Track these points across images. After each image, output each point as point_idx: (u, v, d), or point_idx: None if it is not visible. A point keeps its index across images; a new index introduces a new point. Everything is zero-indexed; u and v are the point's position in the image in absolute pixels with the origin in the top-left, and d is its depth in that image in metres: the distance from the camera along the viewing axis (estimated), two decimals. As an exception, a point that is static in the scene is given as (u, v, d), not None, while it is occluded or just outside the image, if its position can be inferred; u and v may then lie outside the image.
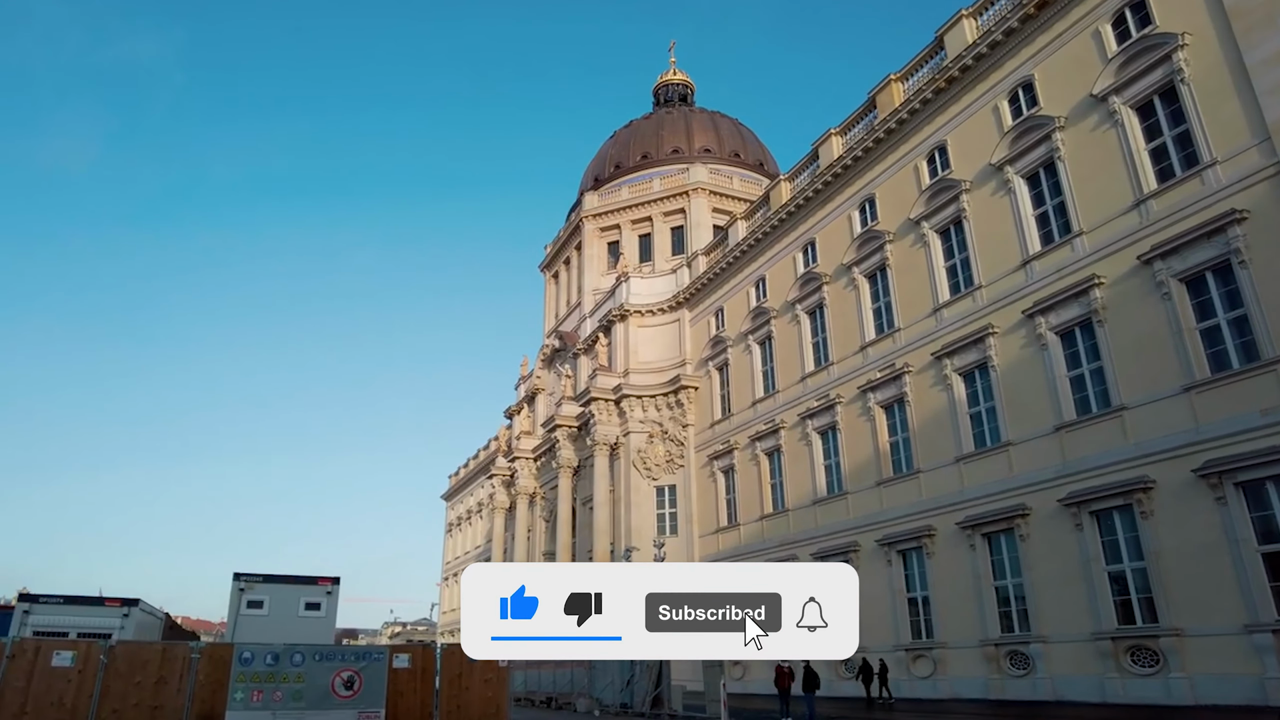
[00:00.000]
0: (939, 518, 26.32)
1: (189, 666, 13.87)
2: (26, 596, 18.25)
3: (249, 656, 13.87)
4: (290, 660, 14.05)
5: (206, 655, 14.17)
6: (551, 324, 57.42)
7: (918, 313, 28.71)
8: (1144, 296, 20.87)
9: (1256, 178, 18.79)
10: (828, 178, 33.55)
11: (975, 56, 26.73)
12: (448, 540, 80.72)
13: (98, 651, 13.57)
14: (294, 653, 14.13)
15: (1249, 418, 18.23)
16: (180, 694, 13.72)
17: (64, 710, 13.08)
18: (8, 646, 13.21)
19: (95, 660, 13.41)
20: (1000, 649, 23.25)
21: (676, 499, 40.04)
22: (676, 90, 64.90)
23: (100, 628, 17.36)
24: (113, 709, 13.35)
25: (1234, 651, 17.93)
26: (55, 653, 13.35)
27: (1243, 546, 18.05)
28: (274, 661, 13.97)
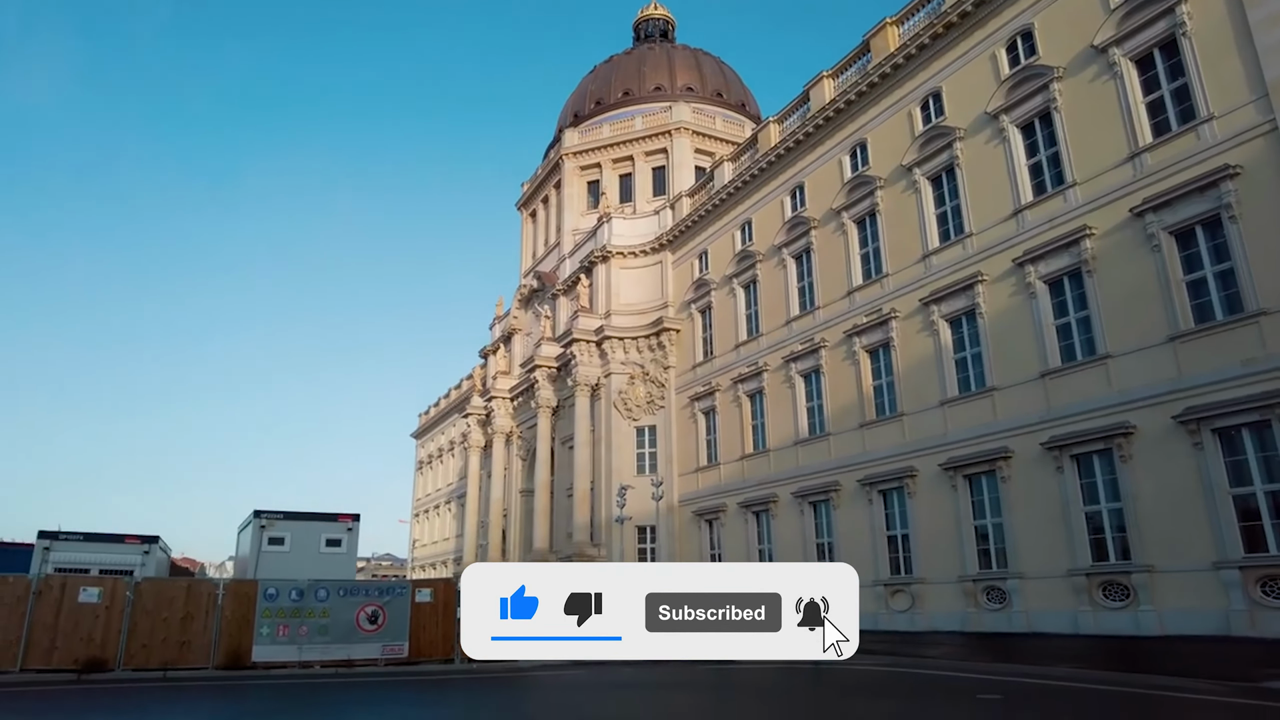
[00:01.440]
0: (921, 459, 27.12)
1: (214, 603, 14.05)
2: (47, 533, 18.16)
3: (274, 593, 14.09)
4: (315, 596, 14.30)
5: (231, 592, 14.39)
6: (529, 264, 56.97)
7: (907, 259, 29.08)
8: (1134, 248, 21.41)
9: (1252, 134, 19.23)
10: (819, 121, 33.47)
11: (975, 3, 26.65)
12: (418, 478, 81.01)
13: (124, 588, 13.71)
14: (318, 588, 14.38)
15: (1230, 368, 19.00)
16: (207, 630, 13.96)
17: (93, 645, 13.26)
18: (34, 583, 13.27)
19: (122, 596, 13.55)
20: (978, 584, 24.32)
21: (657, 439, 40.61)
22: (657, 25, 63.62)
23: (121, 564, 17.43)
24: (141, 644, 13.55)
25: (1202, 586, 18.99)
26: (82, 589, 13.47)
27: (1216, 489, 18.98)
28: (299, 597, 14.21)
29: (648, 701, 13.16)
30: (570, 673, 15.60)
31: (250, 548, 18.03)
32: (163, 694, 12.29)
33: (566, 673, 15.53)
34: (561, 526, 44.11)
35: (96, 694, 12.63)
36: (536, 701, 12.88)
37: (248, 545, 18.65)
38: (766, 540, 33.89)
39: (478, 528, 55.21)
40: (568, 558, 39.77)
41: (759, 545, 34.26)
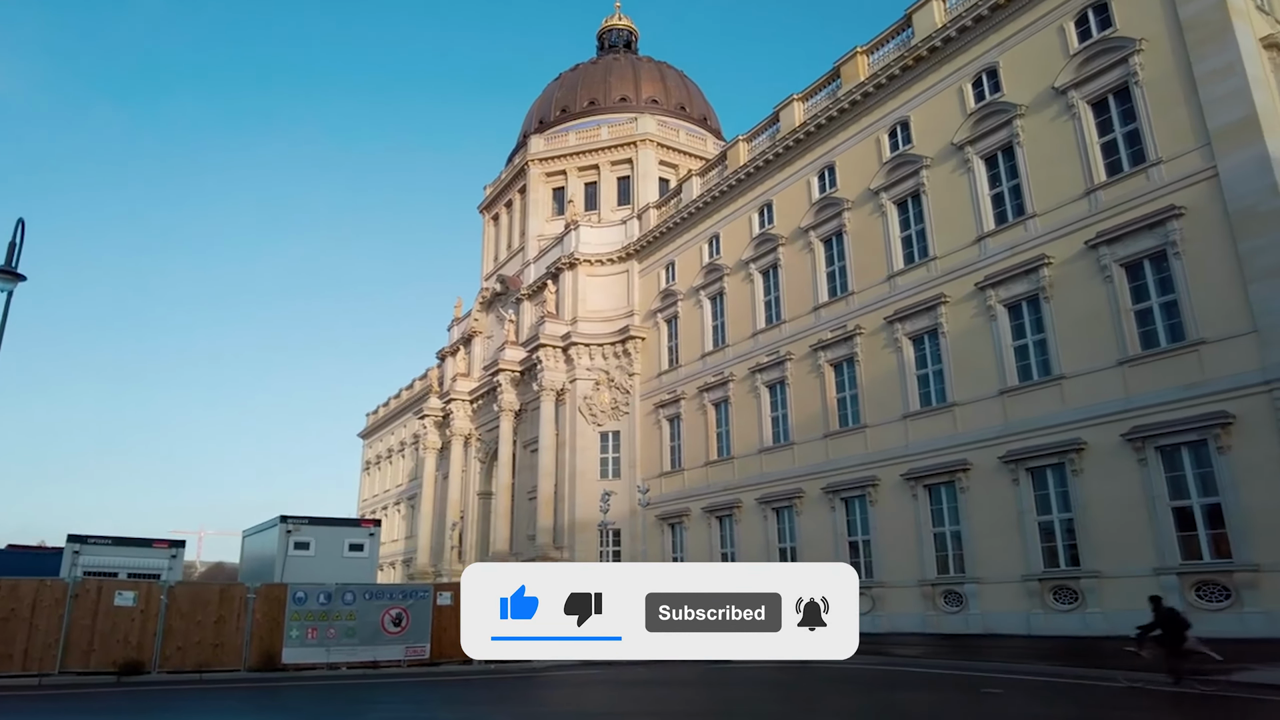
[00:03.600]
0: (884, 469, 28.56)
1: (246, 606, 14.38)
2: (76, 537, 18.08)
3: (303, 596, 14.50)
4: (342, 599, 14.75)
5: (262, 595, 14.72)
6: (490, 267, 57.22)
7: (872, 279, 30.56)
8: (1088, 278, 23.16)
9: (1196, 178, 21.10)
10: (788, 142, 34.82)
11: (944, 39, 28.28)
12: (364, 478, 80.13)
13: (158, 591, 13.96)
14: (346, 592, 14.83)
15: (1172, 391, 20.79)
16: (239, 632, 14.29)
17: (130, 648, 13.51)
18: (71, 586, 13.45)
19: (157, 600, 13.83)
20: (937, 588, 25.83)
21: (621, 444, 41.46)
22: (621, 36, 64.62)
23: (149, 568, 17.51)
24: (177, 646, 13.83)
25: (1144, 590, 20.51)
26: (118, 592, 13.69)
27: (1157, 502, 20.77)
28: (327, 601, 14.65)
29: (656, 697, 13.95)
30: (582, 671, 16.34)
31: (277, 552, 18.21)
32: (205, 696, 12.54)
33: (578, 671, 16.26)
34: (522, 529, 44.57)
35: (142, 695, 12.88)
36: (553, 698, 13.58)
37: (269, 548, 18.81)
38: (729, 544, 35.03)
39: (432, 529, 55.15)
40: (530, 560, 40.26)
41: (722, 549, 35.39)
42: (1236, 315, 19.88)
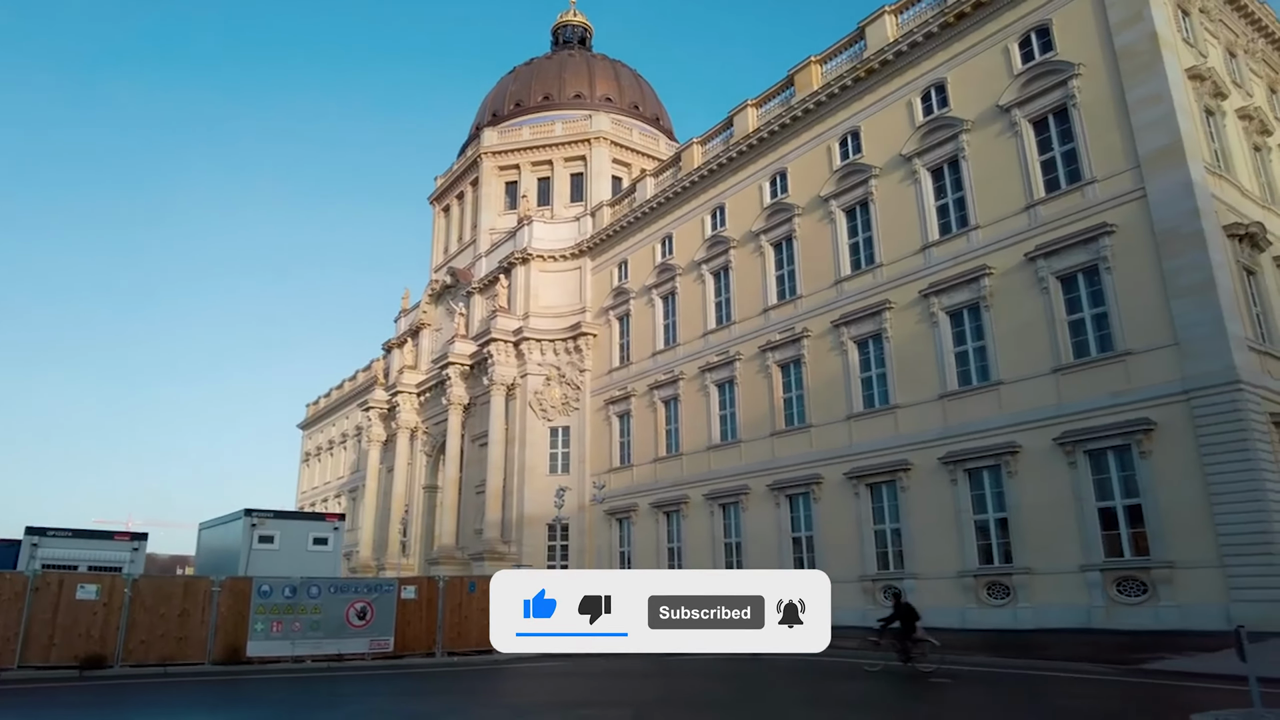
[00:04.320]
0: (827, 467, 29.48)
1: (210, 599, 14.36)
2: (35, 529, 17.65)
3: (268, 590, 14.54)
4: (307, 593, 14.83)
5: (227, 589, 14.70)
6: (440, 259, 56.80)
7: (820, 283, 31.44)
8: (1026, 288, 24.34)
9: (1127, 198, 22.38)
10: (742, 147, 35.52)
11: (895, 53, 29.25)
12: (304, 469, 78.76)
13: (122, 584, 13.85)
14: (311, 585, 14.92)
15: (1101, 398, 22.06)
16: (204, 625, 14.28)
17: (92, 641, 13.40)
18: (31, 579, 13.26)
19: (120, 593, 13.73)
20: (876, 583, 26.81)
21: (570, 440, 41.77)
22: (576, 32, 64.62)
23: (110, 561, 17.26)
24: (140, 640, 13.75)
25: (1070, 586, 21.97)
26: (79, 586, 13.54)
27: (1085, 502, 22.02)
28: (292, 594, 14.71)
29: (612, 687, 14.39)
30: (543, 664, 16.70)
31: (241, 545, 18.07)
32: (170, 689, 12.50)
33: (540, 664, 16.60)
34: (469, 523, 44.52)
35: (105, 689, 12.72)
36: (519, 689, 13.89)
37: (232, 541, 18.62)
38: (676, 539, 35.68)
39: (375, 522, 54.62)
40: (477, 555, 40.32)
41: (669, 544, 36.02)
42: (1160, 329, 21.19)
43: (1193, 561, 19.74)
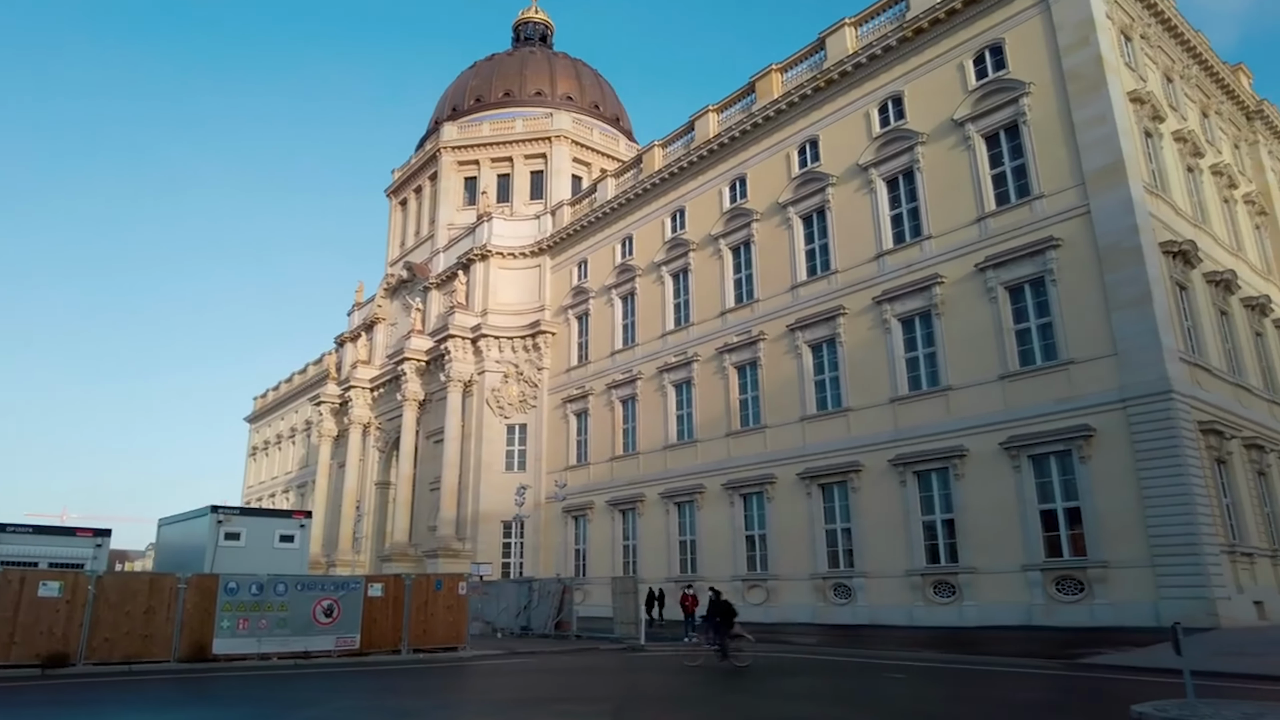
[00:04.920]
0: (781, 468, 30.11)
1: (176, 597, 14.22)
2: None
3: (235, 587, 14.47)
4: (274, 590, 14.80)
5: (193, 586, 14.59)
6: (396, 253, 56.28)
7: (776, 288, 32.08)
8: (976, 298, 25.22)
9: (1072, 214, 23.36)
10: (703, 152, 36.02)
11: (854, 65, 29.99)
12: (251, 464, 77.29)
13: (86, 582, 13.66)
14: (278, 583, 14.88)
15: (1045, 405, 23.00)
16: (169, 623, 14.12)
17: (55, 639, 13.21)
18: None
19: (84, 591, 13.54)
20: (827, 581, 27.52)
21: (527, 437, 41.86)
22: (537, 29, 64.58)
23: (72, 558, 16.94)
24: (104, 638, 13.58)
25: (1013, 585, 22.88)
26: (41, 583, 13.33)
27: (1027, 505, 22.94)
28: (259, 592, 14.66)
29: (573, 684, 14.66)
30: (508, 660, 16.88)
31: (207, 542, 17.81)
32: (134, 687, 12.38)
33: (506, 661, 16.78)
34: (422, 520, 44.30)
35: (68, 688, 12.50)
36: (488, 686, 13.99)
37: (196, 538, 18.32)
38: (632, 537, 36.05)
39: (325, 518, 53.90)
40: (432, 552, 40.16)
41: (624, 541, 36.38)
42: (1101, 339, 22.18)
43: (1126, 562, 20.75)
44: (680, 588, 32.52)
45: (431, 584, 16.98)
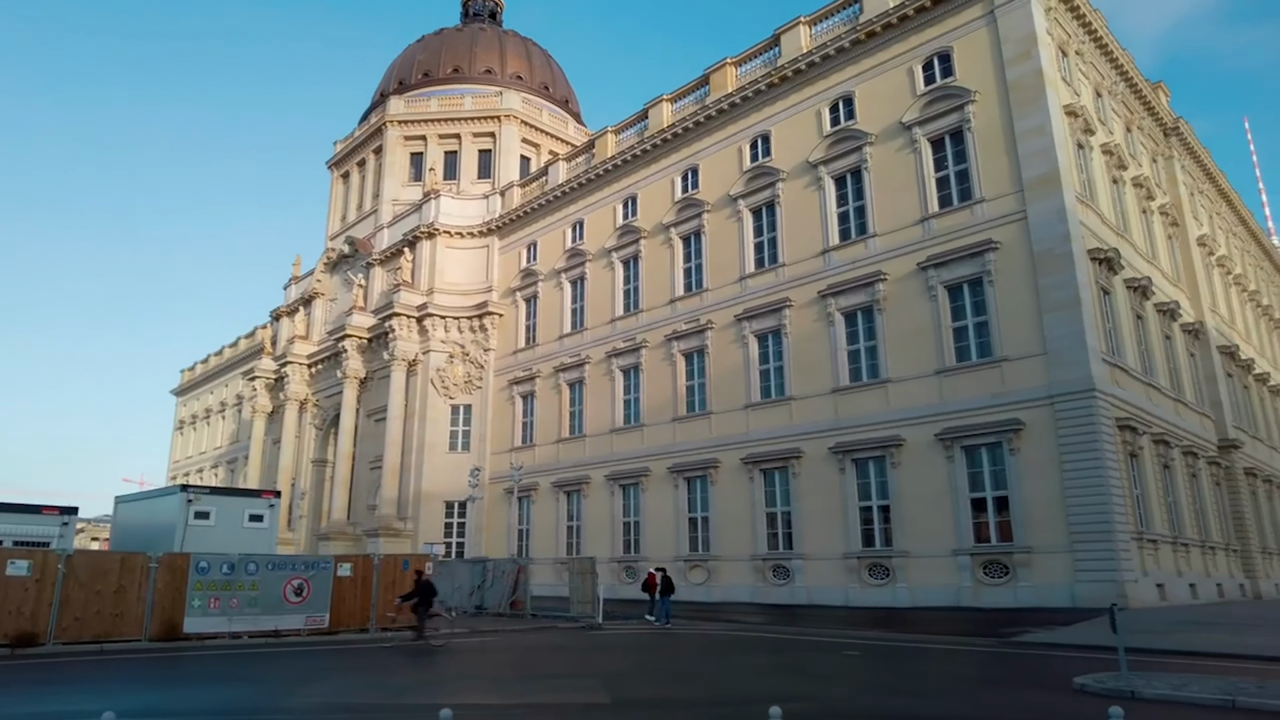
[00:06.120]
0: (725, 453, 31.04)
1: (148, 576, 14.18)
2: None
3: (206, 566, 14.52)
4: (245, 570, 14.90)
5: (164, 565, 14.57)
6: (337, 226, 55.21)
7: (725, 278, 32.88)
8: (917, 295, 26.43)
9: (1010, 219, 24.68)
10: (656, 141, 36.48)
11: (808, 64, 30.83)
12: (177, 438, 75.09)
13: (55, 560, 13.54)
14: (249, 562, 14.98)
15: (978, 399, 24.36)
16: (140, 602, 14.08)
17: (23, 619, 13.09)
18: None
19: (54, 569, 13.42)
20: (767, 563, 28.61)
21: (472, 418, 41.92)
22: (487, 5, 63.86)
23: (37, 536, 16.56)
24: (74, 617, 13.50)
25: (943, 568, 24.27)
26: (10, 561, 13.16)
27: (959, 493, 24.32)
28: (230, 571, 14.75)
29: (542, 661, 15.14)
30: (469, 640, 17.22)
31: (177, 521, 17.56)
32: (106, 666, 12.27)
33: (466, 640, 17.12)
34: (361, 499, 43.97)
35: (37, 668, 12.29)
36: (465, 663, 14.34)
37: (164, 517, 17.98)
38: (577, 518, 36.62)
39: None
40: (372, 531, 40.01)
41: (569, 522, 36.92)
42: (1032, 339, 23.60)
43: (1047, 547, 22.26)
44: (621, 568, 33.41)
45: (399, 564, 17.26)
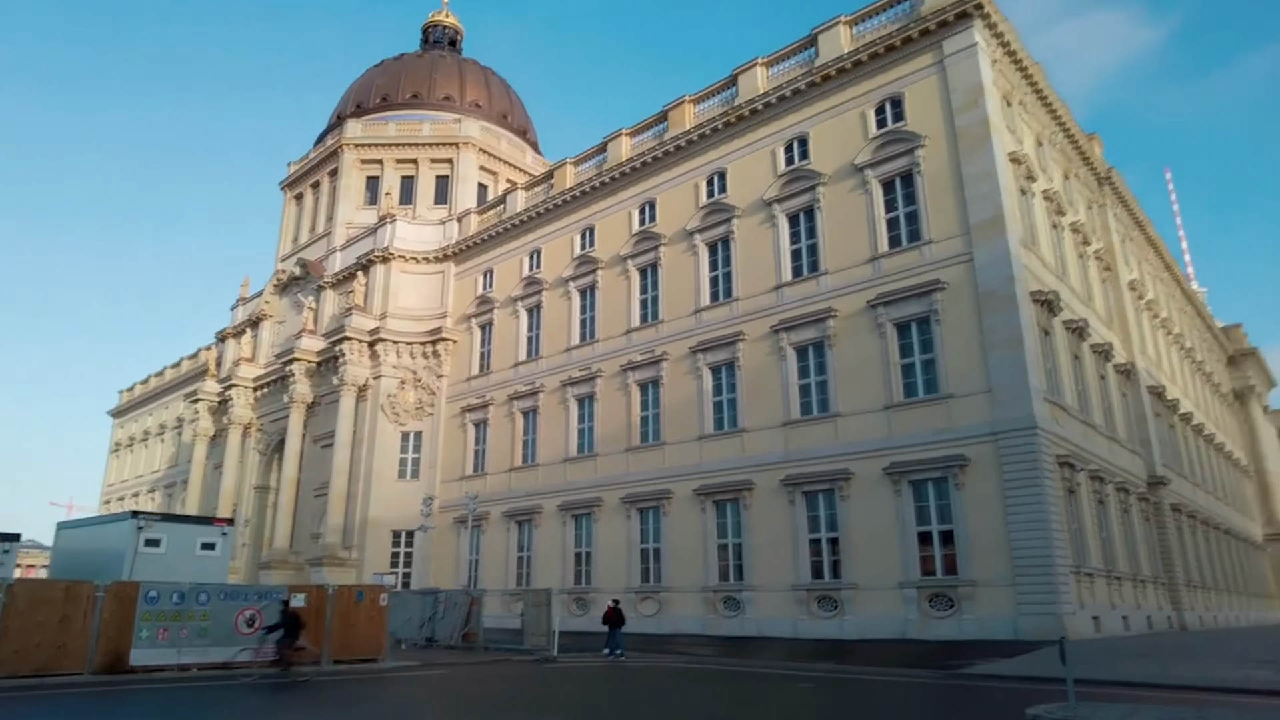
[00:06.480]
0: (677, 483, 31.18)
1: (94, 606, 13.67)
2: None
3: (155, 595, 14.07)
4: (196, 599, 14.50)
5: (112, 594, 14.06)
6: (289, 248, 54.44)
7: (681, 310, 33.25)
8: (866, 332, 27.07)
9: (957, 260, 25.52)
10: (615, 174, 36.91)
11: (765, 104, 31.62)
12: (113, 460, 72.59)
13: None
14: (200, 592, 14.58)
15: (925, 434, 24.96)
16: (85, 633, 13.56)
17: None
18: None
19: None
20: (718, 594, 28.71)
21: (422, 445, 41.41)
22: (447, 33, 64.13)
23: None
24: (13, 649, 12.94)
25: (891, 601, 24.64)
26: None
27: (906, 527, 24.80)
28: (180, 600, 14.34)
29: (502, 691, 14.99)
30: (423, 673, 16.92)
31: (127, 549, 16.89)
32: (45, 702, 11.69)
33: (421, 673, 16.80)
34: (305, 527, 42.99)
35: None
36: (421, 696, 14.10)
37: (112, 544, 17.25)
38: (527, 548, 36.31)
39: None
40: (315, 560, 39.11)
41: (519, 553, 36.59)
42: (977, 377, 24.33)
43: (991, 580, 22.80)
44: (572, 599, 33.17)
45: (353, 595, 16.93)
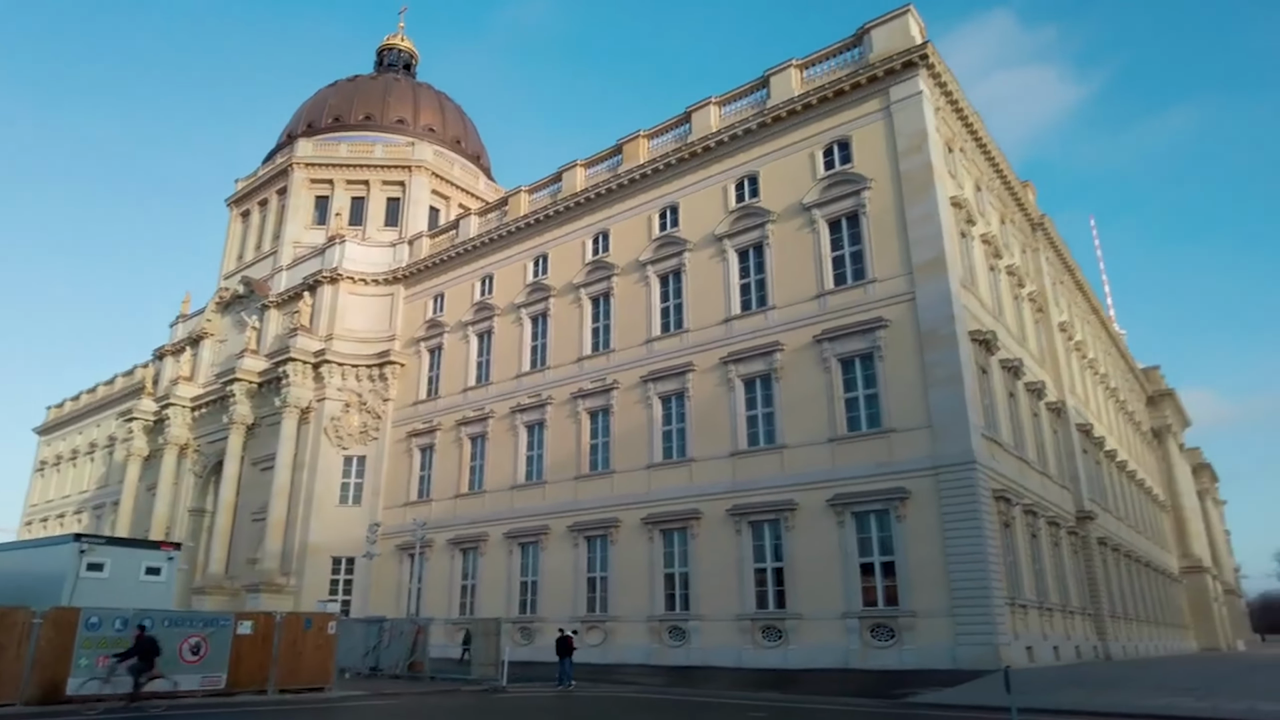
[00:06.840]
0: (626, 512, 31.33)
1: (30, 633, 13.20)
2: None
3: (96, 622, 13.66)
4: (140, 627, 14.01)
5: (50, 620, 13.57)
6: (233, 266, 53.41)
7: (632, 340, 33.61)
8: (812, 366, 27.76)
9: (899, 299, 26.42)
10: (569, 204, 37.30)
11: (717, 142, 32.41)
12: (37, 479, 69.66)
13: None
14: (144, 618, 14.12)
15: (867, 467, 25.64)
16: (19, 661, 13.07)
17: None
18: None
19: None
20: (664, 624, 28.84)
21: (365, 470, 40.80)
22: (401, 57, 64.17)
23: None
24: None
25: (833, 630, 25.10)
26: None
27: (849, 557, 25.35)
28: (123, 627, 13.92)
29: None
30: (369, 703, 16.64)
31: (68, 573, 16.20)
32: None
33: (366, 703, 16.54)
34: (242, 552, 41.86)
35: None
36: None
37: (51, 567, 16.49)
38: (472, 576, 35.96)
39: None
40: (252, 587, 38.10)
41: (463, 581, 36.21)
42: (918, 412, 25.13)
43: (930, 611, 23.42)
44: (516, 629, 32.92)
45: (301, 623, 16.62)
